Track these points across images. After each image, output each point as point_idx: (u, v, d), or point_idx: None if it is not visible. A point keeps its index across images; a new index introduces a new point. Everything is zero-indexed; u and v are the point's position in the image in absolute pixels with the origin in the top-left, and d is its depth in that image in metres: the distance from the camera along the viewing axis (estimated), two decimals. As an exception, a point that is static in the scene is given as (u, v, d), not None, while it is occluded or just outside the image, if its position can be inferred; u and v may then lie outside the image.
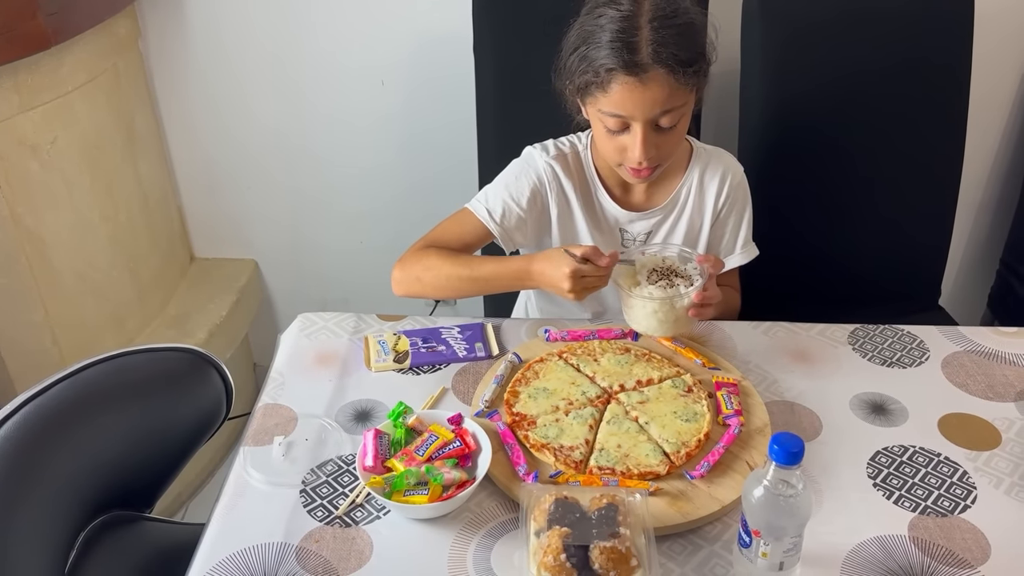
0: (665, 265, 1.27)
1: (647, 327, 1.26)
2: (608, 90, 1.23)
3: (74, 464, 1.13)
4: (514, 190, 1.39)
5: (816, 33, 1.73)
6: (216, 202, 2.24)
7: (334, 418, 1.22)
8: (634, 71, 1.20)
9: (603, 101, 1.24)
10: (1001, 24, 1.82)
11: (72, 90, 1.76)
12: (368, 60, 1.99)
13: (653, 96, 1.22)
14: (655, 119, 1.24)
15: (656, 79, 1.21)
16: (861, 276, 1.87)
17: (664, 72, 1.20)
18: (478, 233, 1.39)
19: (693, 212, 1.42)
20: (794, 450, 0.89)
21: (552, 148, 1.42)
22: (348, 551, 1.03)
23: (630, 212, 1.41)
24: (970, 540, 1.03)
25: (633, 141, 1.26)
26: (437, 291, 1.38)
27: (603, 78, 1.22)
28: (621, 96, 1.22)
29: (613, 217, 1.42)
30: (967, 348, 1.33)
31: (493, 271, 1.32)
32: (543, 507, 0.99)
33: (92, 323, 1.92)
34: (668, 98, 1.23)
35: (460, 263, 1.33)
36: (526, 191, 1.39)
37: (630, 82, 1.21)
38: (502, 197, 1.39)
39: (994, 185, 2.07)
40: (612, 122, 1.26)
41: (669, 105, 1.23)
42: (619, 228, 1.42)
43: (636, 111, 1.23)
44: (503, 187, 1.40)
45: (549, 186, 1.40)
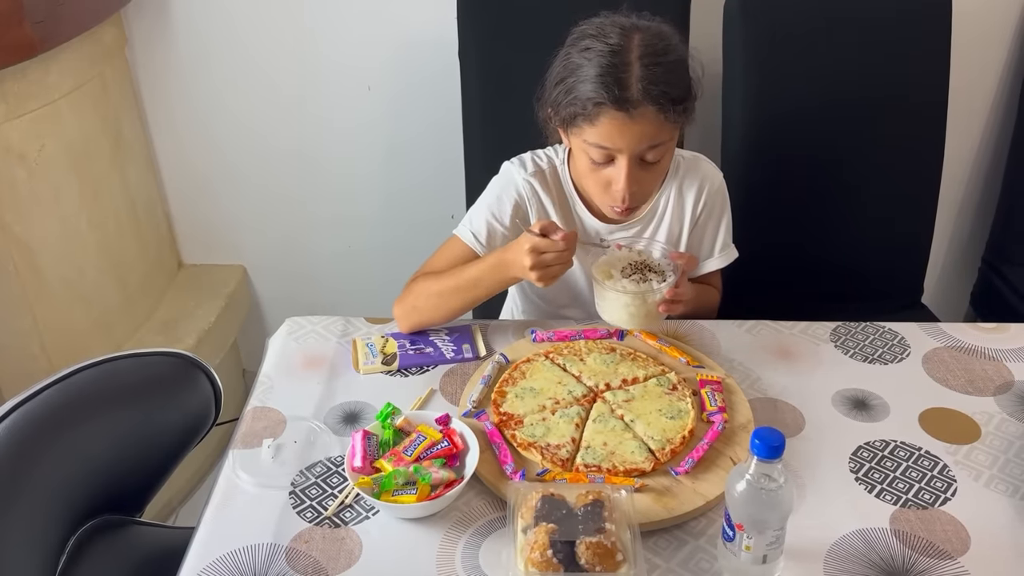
0: (640, 260, 1.29)
1: (618, 320, 1.27)
2: (596, 123, 1.23)
3: (64, 469, 1.14)
4: (496, 210, 1.41)
5: (797, 35, 1.75)
6: (204, 208, 2.24)
7: (323, 420, 1.23)
8: (623, 107, 1.21)
9: (589, 133, 1.25)
10: (978, 26, 1.85)
11: (59, 98, 1.76)
12: (354, 66, 2.00)
13: (642, 131, 1.23)
14: (641, 154, 1.26)
15: (645, 115, 1.21)
16: (844, 275, 1.89)
17: (653, 110, 1.21)
18: (467, 257, 1.40)
19: (672, 221, 1.43)
20: (775, 444, 0.91)
21: (530, 164, 1.43)
22: (338, 551, 1.04)
23: (609, 224, 1.42)
24: (950, 532, 1.04)
25: (618, 174, 1.26)
26: (433, 313, 1.36)
27: (591, 111, 1.23)
28: (609, 130, 1.23)
29: (593, 229, 1.43)
30: (947, 344, 1.35)
31: (473, 274, 1.33)
32: (530, 504, 1.00)
33: (80, 329, 1.92)
34: (656, 134, 1.24)
35: (444, 278, 1.35)
36: (508, 209, 1.41)
37: (619, 117, 1.21)
38: (485, 218, 1.41)
39: (975, 184, 2.09)
40: (597, 154, 1.26)
41: (656, 140, 1.25)
42: (599, 239, 1.43)
43: (623, 145, 1.24)
44: (485, 208, 1.42)
45: (529, 202, 1.41)
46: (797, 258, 1.87)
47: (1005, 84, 1.95)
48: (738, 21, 1.73)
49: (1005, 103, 1.97)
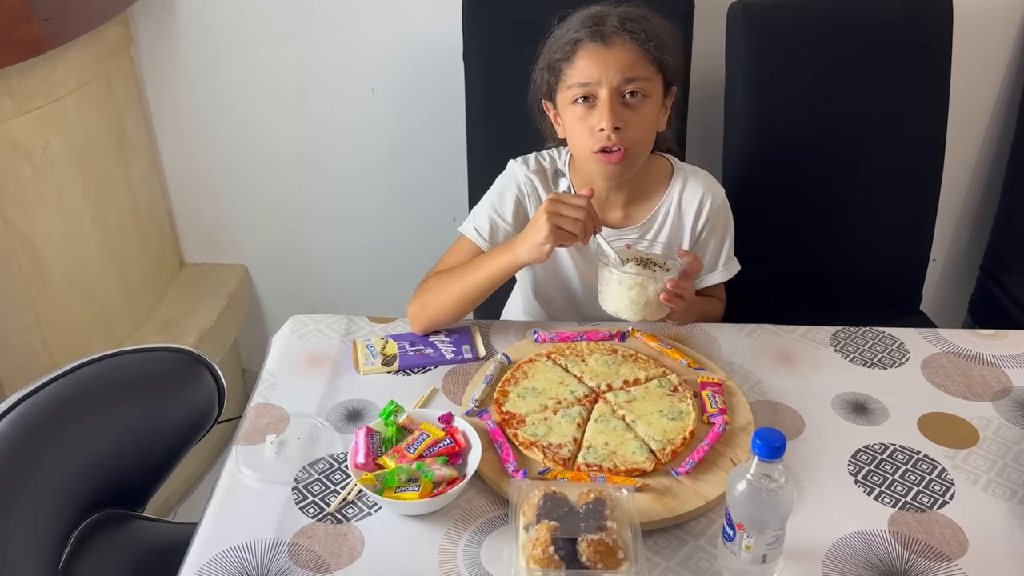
0: (647, 257, 1.30)
1: (619, 307, 1.28)
2: (575, 60, 1.28)
3: (67, 462, 1.14)
4: (498, 206, 1.43)
5: (799, 41, 1.77)
6: (206, 207, 2.25)
7: (325, 418, 1.24)
8: (599, 38, 1.27)
9: (571, 74, 1.29)
10: (979, 35, 1.86)
11: (65, 95, 1.77)
12: (358, 66, 2.01)
13: (618, 59, 1.27)
14: (621, 88, 1.28)
15: (621, 44, 1.27)
16: (843, 281, 1.90)
17: (628, 38, 1.27)
18: (473, 254, 1.41)
19: (671, 232, 1.44)
20: (776, 444, 0.92)
21: (533, 162, 1.45)
22: (340, 547, 1.04)
23: (608, 229, 1.42)
24: (948, 535, 1.05)
25: (601, 110, 1.28)
26: (444, 310, 1.36)
27: (569, 51, 1.28)
28: (586, 63, 1.28)
29: None
30: (946, 349, 1.36)
31: (482, 263, 1.34)
32: (532, 502, 1.01)
33: (82, 326, 1.93)
34: (633, 64, 1.27)
35: (454, 275, 1.36)
36: (510, 205, 1.42)
37: (595, 47, 1.27)
38: (488, 214, 1.43)
39: (974, 193, 2.11)
40: (580, 92, 1.29)
41: (634, 72, 1.27)
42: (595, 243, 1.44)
43: (602, 75, 1.27)
44: (488, 205, 1.44)
45: (529, 198, 1.43)
46: (797, 263, 1.88)
47: (1005, 93, 1.96)
48: (741, 26, 1.75)
49: (1005, 113, 1.98)
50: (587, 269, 1.45)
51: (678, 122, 1.78)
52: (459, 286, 1.34)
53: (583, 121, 1.31)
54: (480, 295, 1.35)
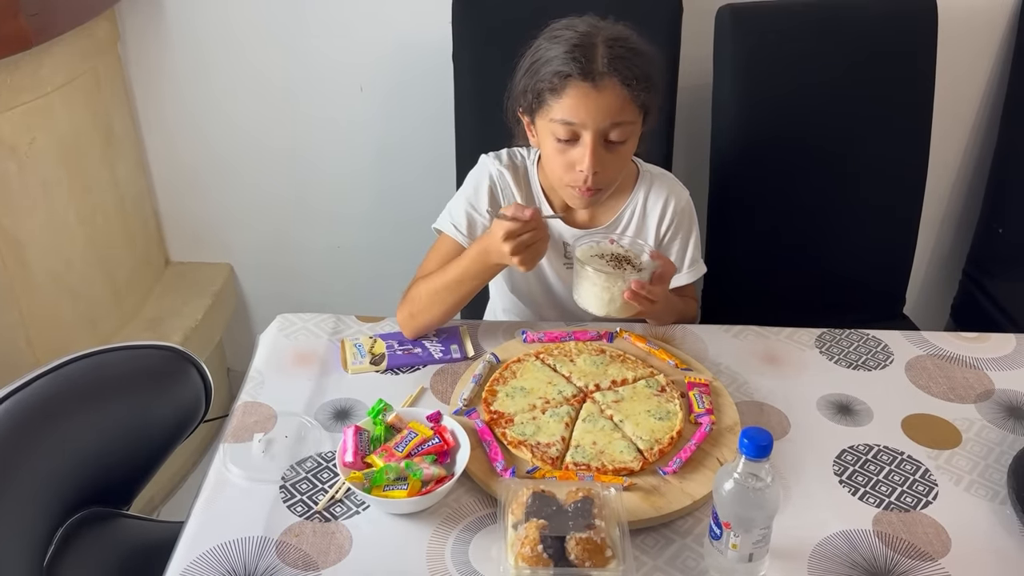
0: (625, 255, 1.30)
1: (588, 302, 1.29)
2: (562, 95, 1.27)
3: (53, 460, 1.14)
4: (474, 199, 1.44)
5: (786, 45, 1.78)
6: (192, 206, 2.24)
7: (313, 416, 1.23)
8: (589, 77, 1.25)
9: (556, 108, 1.28)
10: (964, 41, 1.88)
11: (51, 91, 1.76)
12: (347, 65, 2.01)
13: (607, 104, 1.26)
14: (605, 131, 1.28)
15: (610, 88, 1.25)
16: (827, 285, 1.91)
17: (618, 82, 1.25)
18: (454, 250, 1.41)
19: (635, 233, 1.44)
20: (763, 443, 0.93)
21: (505, 157, 1.47)
22: (328, 545, 1.04)
23: (574, 229, 1.44)
24: (931, 534, 1.06)
25: (583, 152, 1.28)
26: (429, 315, 1.36)
27: (557, 84, 1.26)
28: (574, 102, 1.26)
29: (558, 233, 1.44)
30: (929, 352, 1.37)
31: (459, 268, 1.33)
32: (520, 500, 1.01)
33: (66, 324, 1.92)
34: (620, 110, 1.27)
35: (434, 278, 1.36)
36: (484, 197, 1.43)
37: (584, 88, 1.25)
38: (464, 209, 1.43)
39: (957, 198, 2.13)
40: (563, 131, 1.28)
41: (620, 118, 1.27)
42: (563, 243, 1.45)
43: (588, 118, 1.26)
44: (464, 200, 1.44)
45: (503, 192, 1.44)
46: (782, 266, 1.89)
47: (988, 98, 1.99)
48: (729, 30, 1.76)
49: (988, 118, 2.01)
50: (562, 269, 1.47)
51: (666, 126, 1.81)
52: (444, 293, 1.34)
53: (562, 155, 1.31)
54: (466, 298, 1.35)
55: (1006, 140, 1.95)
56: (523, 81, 1.33)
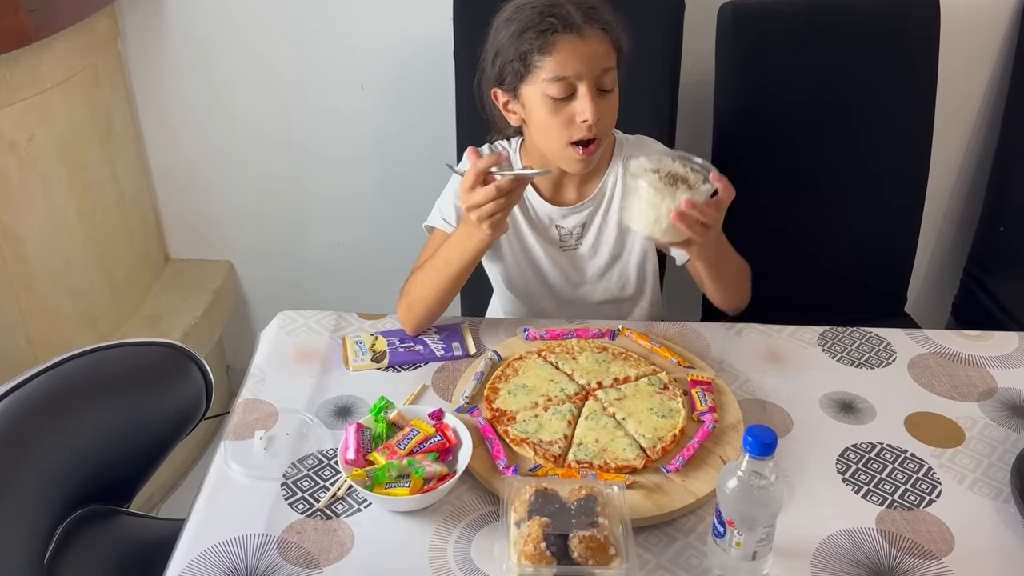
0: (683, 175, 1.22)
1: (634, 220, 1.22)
2: (552, 52, 1.27)
3: (54, 457, 1.13)
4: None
5: (788, 43, 1.78)
6: (192, 203, 2.24)
7: (315, 414, 1.23)
8: (574, 29, 1.27)
9: (546, 67, 1.28)
10: (965, 41, 1.88)
11: (51, 87, 1.75)
12: (348, 63, 2.00)
13: (594, 51, 1.28)
14: (598, 78, 1.29)
15: (593, 35, 1.28)
16: (828, 283, 1.91)
17: (598, 29, 1.28)
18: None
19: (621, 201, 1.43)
20: (767, 441, 0.92)
21: (487, 149, 1.47)
22: (329, 543, 1.04)
23: (562, 207, 1.44)
24: (935, 533, 1.06)
25: (583, 103, 1.28)
26: (427, 304, 1.36)
27: (545, 42, 1.27)
28: (565, 55, 1.27)
29: (547, 215, 1.45)
30: (932, 350, 1.37)
31: (447, 251, 1.33)
32: (523, 498, 1.01)
33: (66, 321, 1.91)
34: (606, 55, 1.29)
35: (427, 267, 1.36)
36: None
37: (571, 39, 1.27)
38: (453, 203, 1.43)
39: (958, 196, 2.13)
40: (557, 88, 1.28)
41: (607, 63, 1.30)
42: (554, 225, 1.45)
43: (582, 68, 1.27)
44: (452, 195, 1.44)
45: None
46: (784, 263, 1.88)
47: (989, 99, 1.98)
48: (731, 28, 1.75)
49: (990, 116, 2.00)
50: (558, 255, 1.47)
51: (668, 123, 1.81)
52: (436, 280, 1.34)
53: (558, 114, 1.30)
54: (458, 283, 1.34)
55: (1007, 138, 1.95)
56: (500, 58, 1.32)
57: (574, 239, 1.46)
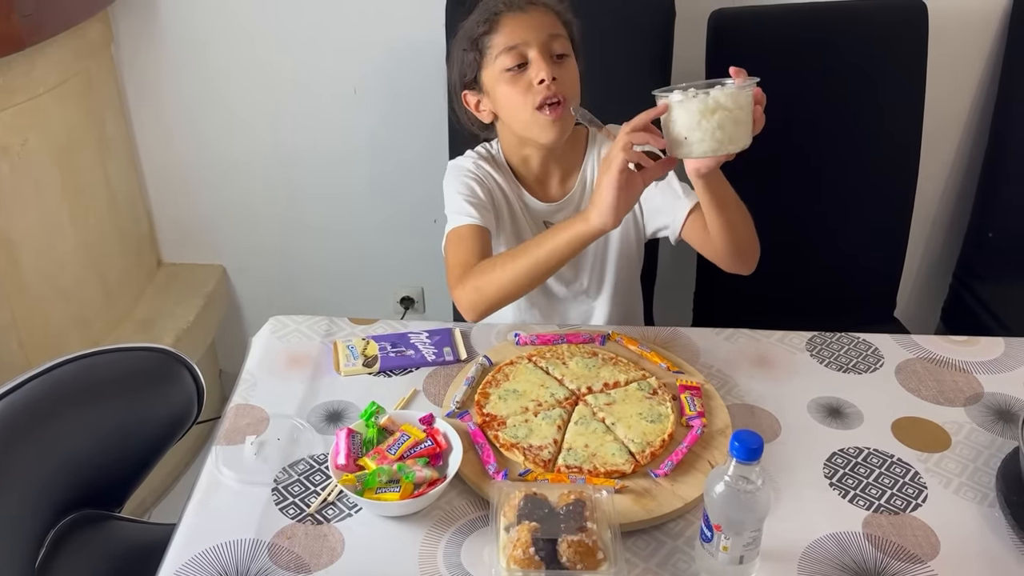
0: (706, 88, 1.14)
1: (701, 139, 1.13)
2: (500, 29, 1.35)
3: (45, 461, 1.14)
4: (467, 193, 1.42)
5: (778, 52, 1.79)
6: (184, 207, 2.24)
7: (306, 419, 1.23)
8: (516, 6, 1.36)
9: (497, 42, 1.35)
10: (953, 48, 1.90)
11: (44, 92, 1.76)
12: (340, 68, 2.01)
13: (539, 20, 1.35)
14: (547, 44, 1.34)
15: (537, 10, 1.36)
16: (818, 289, 1.93)
17: (542, 6, 1.37)
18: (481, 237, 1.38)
19: None
20: (753, 446, 0.93)
21: (472, 153, 1.51)
22: (320, 547, 1.04)
23: (549, 204, 1.48)
24: (921, 537, 1.07)
25: (536, 65, 1.33)
26: (503, 290, 1.29)
27: (492, 23, 1.35)
28: (511, 27, 1.34)
29: (536, 210, 1.48)
30: (919, 355, 1.38)
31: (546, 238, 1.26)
32: (513, 503, 1.01)
33: (58, 326, 1.91)
34: (553, 23, 1.36)
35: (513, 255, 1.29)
36: (475, 187, 1.44)
37: (515, 14, 1.35)
38: (467, 201, 1.40)
39: (947, 202, 2.14)
40: (510, 57, 1.34)
41: (556, 30, 1.36)
42: (544, 222, 1.48)
43: (529, 34, 1.34)
44: (458, 196, 1.42)
45: (484, 178, 1.47)
46: (773, 270, 1.88)
47: (978, 105, 2.00)
48: (721, 35, 1.77)
49: (977, 125, 2.02)
50: None
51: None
52: (521, 264, 1.26)
53: (517, 83, 1.35)
54: (546, 272, 1.29)
55: (995, 146, 1.97)
56: (459, 53, 1.40)
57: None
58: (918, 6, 1.78)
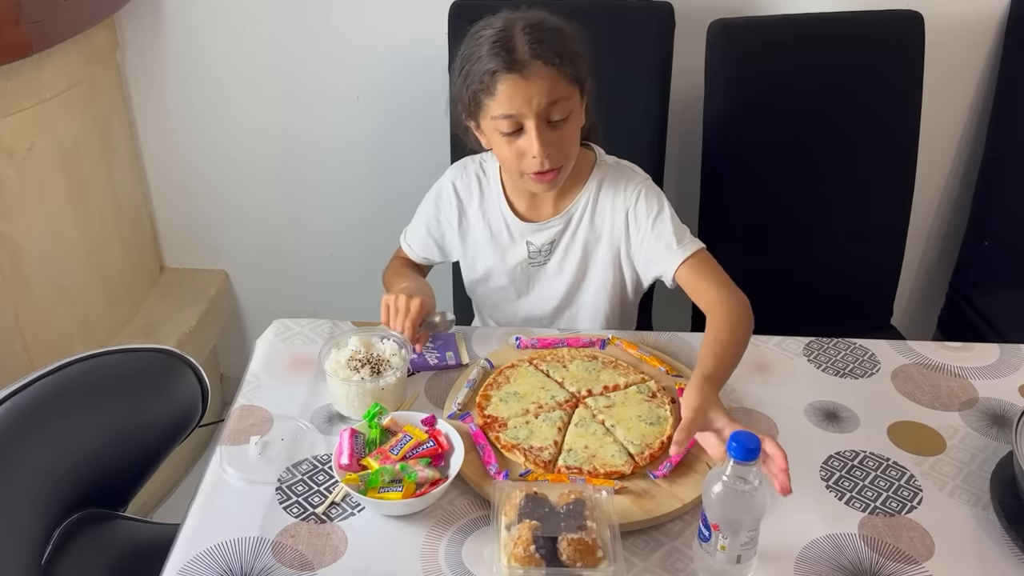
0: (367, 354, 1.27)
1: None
2: (495, 93, 1.28)
3: (51, 461, 1.15)
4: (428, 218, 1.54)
5: (777, 62, 1.81)
6: (188, 212, 2.26)
7: (309, 420, 1.25)
8: (515, 68, 1.26)
9: (493, 106, 1.30)
10: (950, 56, 1.91)
11: (50, 98, 1.78)
12: (344, 75, 2.03)
13: (538, 88, 1.27)
14: (545, 113, 1.29)
15: (537, 72, 1.27)
16: (816, 296, 1.94)
17: (542, 64, 1.27)
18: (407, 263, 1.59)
19: (594, 219, 1.44)
20: (751, 447, 0.95)
21: (460, 166, 1.52)
22: (323, 546, 1.06)
23: (532, 223, 1.46)
24: (916, 539, 1.08)
25: (529, 139, 1.30)
26: None
27: (488, 83, 1.28)
28: (507, 95, 1.28)
29: (517, 229, 1.47)
30: (915, 361, 1.40)
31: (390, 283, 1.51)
32: (514, 502, 1.03)
33: (62, 329, 1.93)
34: (552, 88, 1.28)
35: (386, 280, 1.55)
36: (434, 216, 1.53)
37: (513, 79, 1.27)
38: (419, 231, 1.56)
39: (944, 211, 2.16)
40: (506, 124, 1.30)
41: (555, 96, 1.29)
42: (525, 240, 1.47)
43: (525, 107, 1.28)
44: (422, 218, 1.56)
45: (450, 201, 1.50)
46: (770, 276, 1.91)
47: (974, 114, 2.02)
48: (720, 43, 1.79)
49: (974, 134, 2.04)
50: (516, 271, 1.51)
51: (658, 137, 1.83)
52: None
53: (510, 146, 1.33)
54: None
55: (992, 154, 1.98)
56: (458, 88, 1.35)
57: (543, 256, 1.48)
58: (914, 17, 1.80)
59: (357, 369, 1.24)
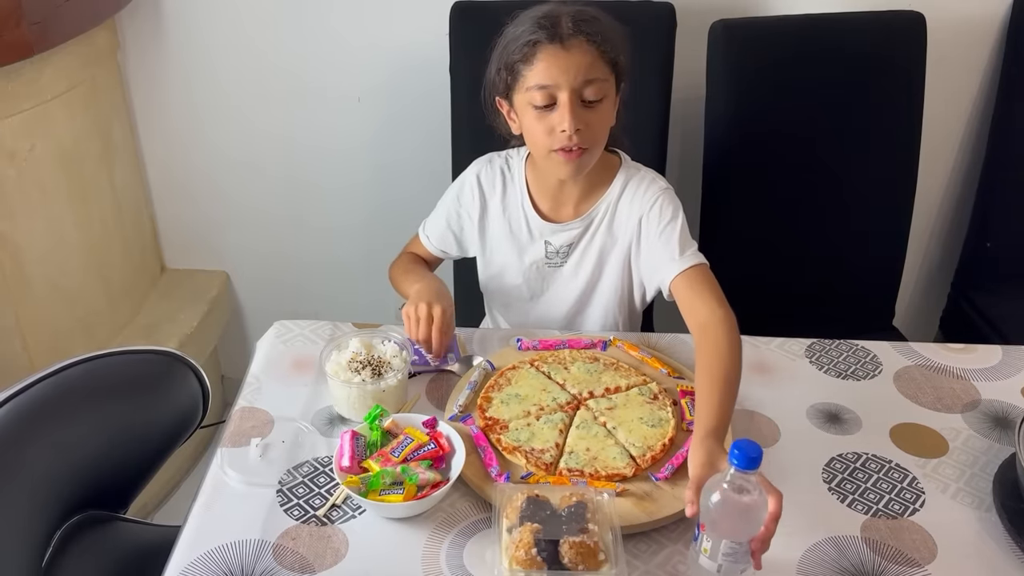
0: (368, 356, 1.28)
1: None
2: (534, 62, 1.30)
3: (52, 463, 1.15)
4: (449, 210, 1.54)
5: (778, 61, 1.81)
6: (188, 213, 2.26)
7: (310, 422, 1.25)
8: (557, 39, 1.28)
9: (530, 76, 1.30)
10: (952, 56, 1.91)
11: (51, 99, 1.77)
12: (345, 77, 2.03)
13: (577, 62, 1.28)
14: (580, 89, 1.29)
15: (578, 47, 1.28)
16: (818, 297, 1.94)
17: (584, 41, 1.29)
18: (425, 252, 1.59)
19: (612, 225, 1.44)
20: (753, 455, 0.94)
21: (485, 160, 1.52)
22: (324, 548, 1.05)
23: (552, 224, 1.46)
24: (918, 541, 1.08)
25: (561, 114, 1.30)
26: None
27: (528, 52, 1.30)
28: (546, 64, 1.29)
29: (537, 228, 1.47)
30: (917, 362, 1.39)
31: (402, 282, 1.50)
32: (515, 505, 1.02)
33: (62, 330, 1.92)
34: (591, 66, 1.29)
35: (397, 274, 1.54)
36: (455, 209, 1.52)
37: (553, 49, 1.28)
38: (438, 223, 1.56)
39: (946, 212, 2.15)
40: (540, 96, 1.30)
41: (592, 74, 1.29)
42: (544, 240, 1.47)
43: (561, 78, 1.28)
44: (443, 210, 1.55)
45: (472, 194, 1.50)
46: (772, 278, 1.91)
47: (976, 115, 2.01)
48: (722, 44, 1.78)
49: (976, 135, 2.03)
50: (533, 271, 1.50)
51: (660, 137, 1.83)
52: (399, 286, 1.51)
53: (541, 121, 1.33)
54: None
55: (994, 155, 1.98)
56: (496, 64, 1.36)
57: (560, 258, 1.48)
58: (916, 17, 1.79)
59: (358, 371, 1.24)
